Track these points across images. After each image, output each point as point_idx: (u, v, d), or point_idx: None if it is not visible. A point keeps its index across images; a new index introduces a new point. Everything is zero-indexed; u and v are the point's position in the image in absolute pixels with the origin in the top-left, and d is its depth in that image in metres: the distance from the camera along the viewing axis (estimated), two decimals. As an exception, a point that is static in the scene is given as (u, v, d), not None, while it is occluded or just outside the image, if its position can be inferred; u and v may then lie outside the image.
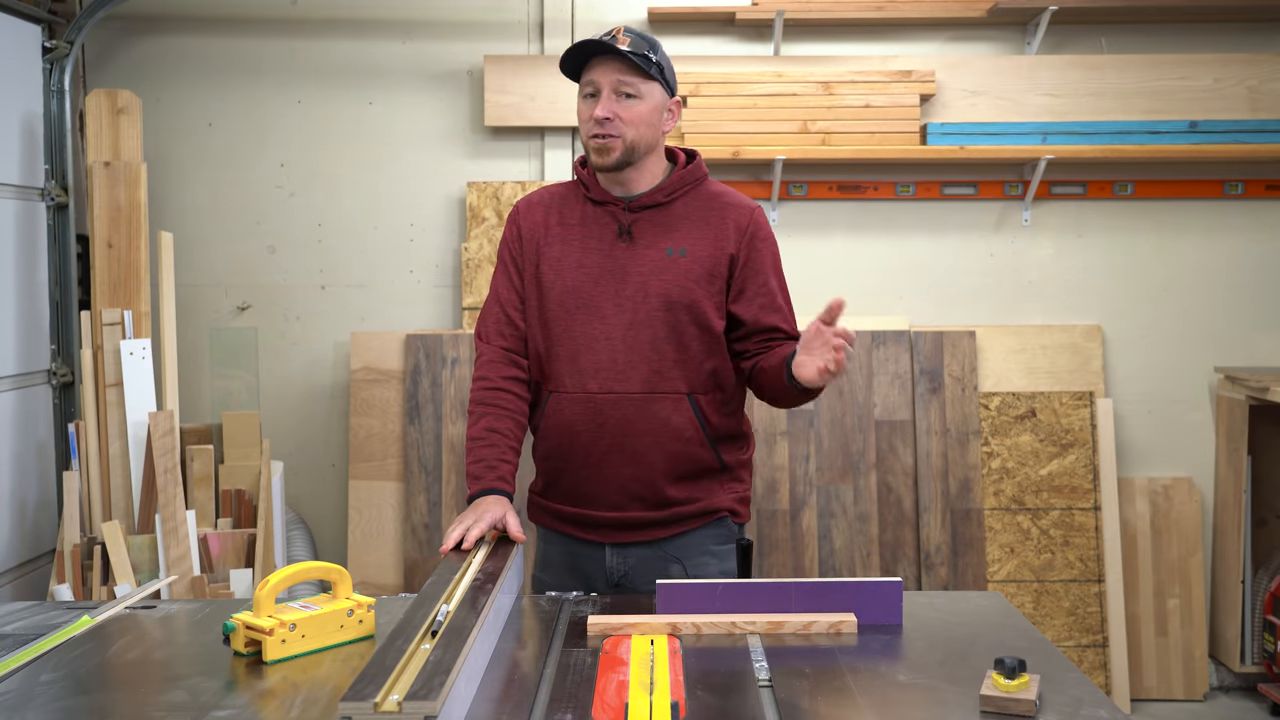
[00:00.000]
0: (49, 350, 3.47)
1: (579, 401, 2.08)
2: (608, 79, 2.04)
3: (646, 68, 2.04)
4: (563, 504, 2.16)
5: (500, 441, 2.05)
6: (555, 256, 2.12)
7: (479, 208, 3.88)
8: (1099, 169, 3.96)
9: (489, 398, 2.10)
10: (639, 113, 2.06)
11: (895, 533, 3.77)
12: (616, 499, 2.10)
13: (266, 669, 1.60)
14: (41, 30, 3.46)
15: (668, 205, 2.13)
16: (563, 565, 2.17)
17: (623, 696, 1.44)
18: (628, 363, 2.06)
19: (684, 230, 2.11)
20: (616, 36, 2.05)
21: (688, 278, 2.07)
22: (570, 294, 2.10)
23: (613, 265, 2.09)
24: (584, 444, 2.08)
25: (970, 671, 1.55)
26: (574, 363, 2.08)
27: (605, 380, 2.07)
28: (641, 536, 2.12)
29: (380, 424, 3.82)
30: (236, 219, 3.97)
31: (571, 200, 2.17)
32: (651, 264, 2.08)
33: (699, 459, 2.10)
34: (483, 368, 2.14)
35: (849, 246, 3.98)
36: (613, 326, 2.07)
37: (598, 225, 2.12)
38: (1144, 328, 4.01)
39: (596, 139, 2.06)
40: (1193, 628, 3.89)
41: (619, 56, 2.03)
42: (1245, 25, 3.98)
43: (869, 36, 3.97)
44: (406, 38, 3.95)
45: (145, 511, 3.21)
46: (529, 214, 2.19)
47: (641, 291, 2.07)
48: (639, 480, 2.08)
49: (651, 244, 2.09)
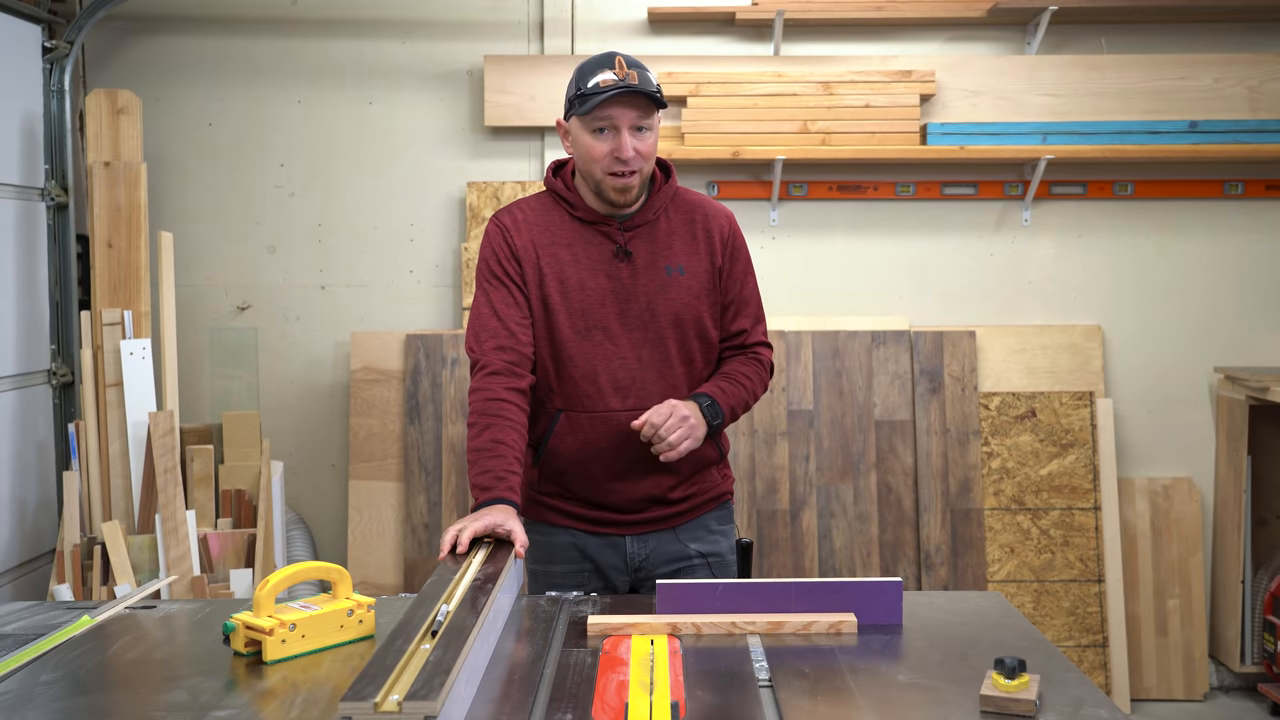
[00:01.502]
0: (49, 350, 3.47)
1: (601, 420, 2.14)
2: (626, 117, 2.06)
3: (660, 103, 2.08)
4: (578, 506, 2.22)
5: (506, 453, 2.04)
6: (557, 277, 2.14)
7: (479, 208, 3.88)
8: (1099, 169, 3.96)
9: (492, 409, 2.07)
10: (651, 144, 2.10)
11: (895, 533, 3.77)
12: (637, 504, 2.20)
13: (266, 669, 1.60)
14: (41, 30, 3.47)
15: (656, 222, 2.18)
16: (573, 555, 2.23)
17: (623, 696, 1.44)
18: (646, 380, 2.15)
19: (677, 247, 2.17)
20: (628, 74, 2.05)
21: (690, 295, 2.16)
22: (580, 316, 2.14)
23: (615, 286, 2.14)
24: (608, 460, 2.16)
25: (970, 671, 1.55)
26: (592, 383, 2.14)
27: (627, 398, 2.14)
28: (658, 527, 2.23)
29: (380, 424, 3.82)
30: (236, 219, 3.97)
31: (559, 218, 2.18)
32: (654, 284, 2.14)
33: (705, 456, 2.22)
34: (482, 379, 2.12)
35: (849, 246, 3.98)
36: (624, 346, 2.14)
37: (592, 245, 2.15)
38: (1144, 328, 4.01)
39: (617, 178, 2.08)
40: (1193, 628, 3.89)
41: (637, 95, 2.05)
42: (1245, 25, 3.98)
43: (869, 36, 3.97)
44: (406, 38, 3.96)
45: (145, 511, 3.21)
46: (519, 230, 2.17)
47: (649, 311, 2.14)
48: (660, 485, 2.19)
49: (650, 263, 2.15)
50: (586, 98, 2.05)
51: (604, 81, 2.04)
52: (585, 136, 2.09)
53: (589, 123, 2.08)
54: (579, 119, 2.09)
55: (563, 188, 2.19)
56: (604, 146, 2.07)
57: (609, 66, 2.06)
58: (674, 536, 2.24)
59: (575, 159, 2.17)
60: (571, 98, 2.10)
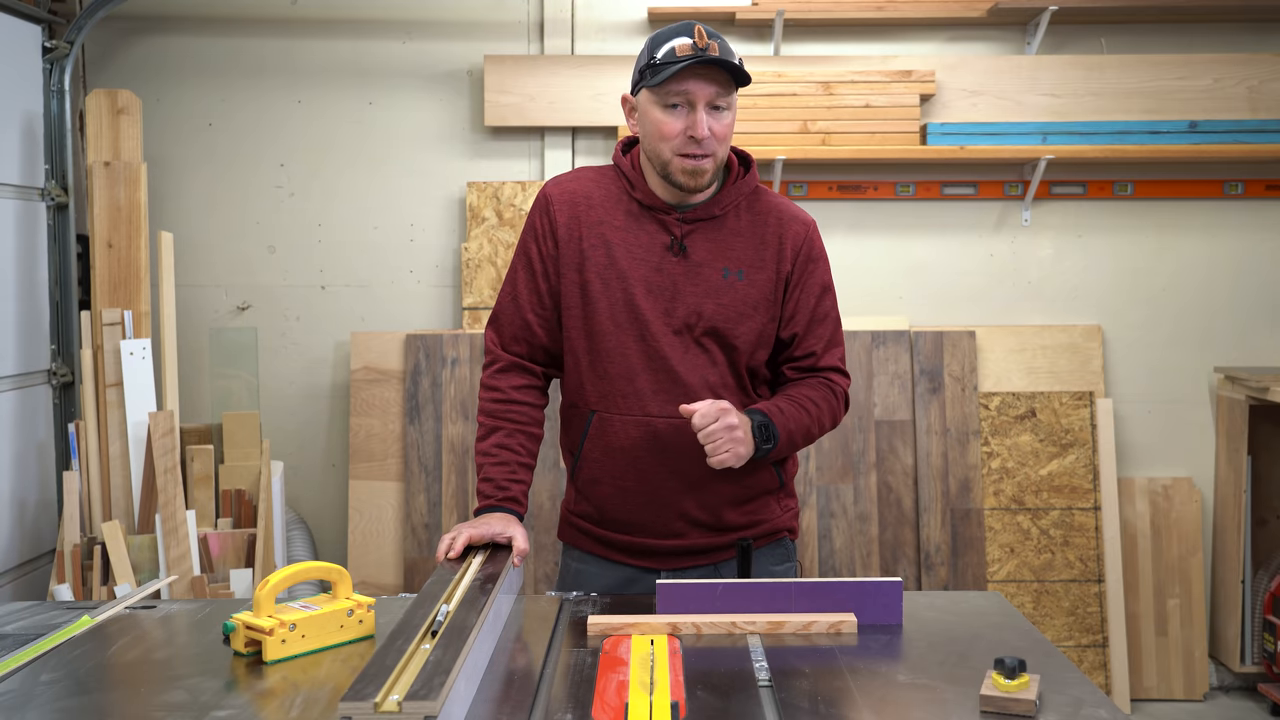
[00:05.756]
0: (49, 350, 3.47)
1: (637, 426, 1.94)
2: (704, 92, 1.83)
3: (739, 79, 1.85)
4: (615, 532, 2.02)
5: (511, 459, 1.95)
6: (601, 263, 1.94)
7: (479, 208, 3.88)
8: (1099, 169, 3.96)
9: (499, 410, 1.98)
10: (728, 125, 1.87)
11: (895, 533, 3.77)
12: (676, 526, 1.98)
13: (266, 669, 1.60)
14: (41, 30, 3.46)
15: (722, 218, 1.96)
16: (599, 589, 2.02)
17: (623, 696, 1.44)
18: (690, 384, 1.93)
19: (740, 248, 1.94)
20: (709, 44, 1.82)
21: (746, 303, 1.93)
22: (621, 308, 1.93)
23: (663, 280, 1.93)
24: (643, 471, 1.96)
25: (970, 671, 1.55)
26: (630, 383, 1.94)
27: (665, 404, 1.92)
28: (700, 561, 2.00)
29: (380, 424, 3.82)
30: (236, 219, 3.97)
31: (614, 196, 1.97)
32: (707, 285, 1.93)
33: (760, 481, 2.00)
34: (492, 377, 2.01)
35: (849, 246, 3.98)
36: (666, 346, 1.92)
37: (645, 233, 1.94)
38: (1144, 328, 4.01)
39: (690, 159, 1.86)
40: (1193, 628, 3.89)
41: (717, 67, 1.82)
42: (1245, 25, 3.98)
43: (869, 36, 3.97)
44: (406, 38, 3.95)
45: (145, 511, 3.21)
46: (564, 206, 1.97)
47: (695, 314, 1.92)
48: (702, 507, 1.96)
49: (706, 262, 1.93)
50: (659, 69, 1.82)
51: (681, 49, 1.81)
52: (655, 111, 1.86)
53: (661, 96, 1.85)
54: (649, 92, 1.86)
55: (627, 165, 1.98)
56: (677, 124, 1.84)
57: (687, 34, 1.83)
58: (715, 574, 1.99)
59: (641, 138, 1.94)
60: (642, 68, 1.87)
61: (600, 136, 3.96)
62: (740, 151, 2.03)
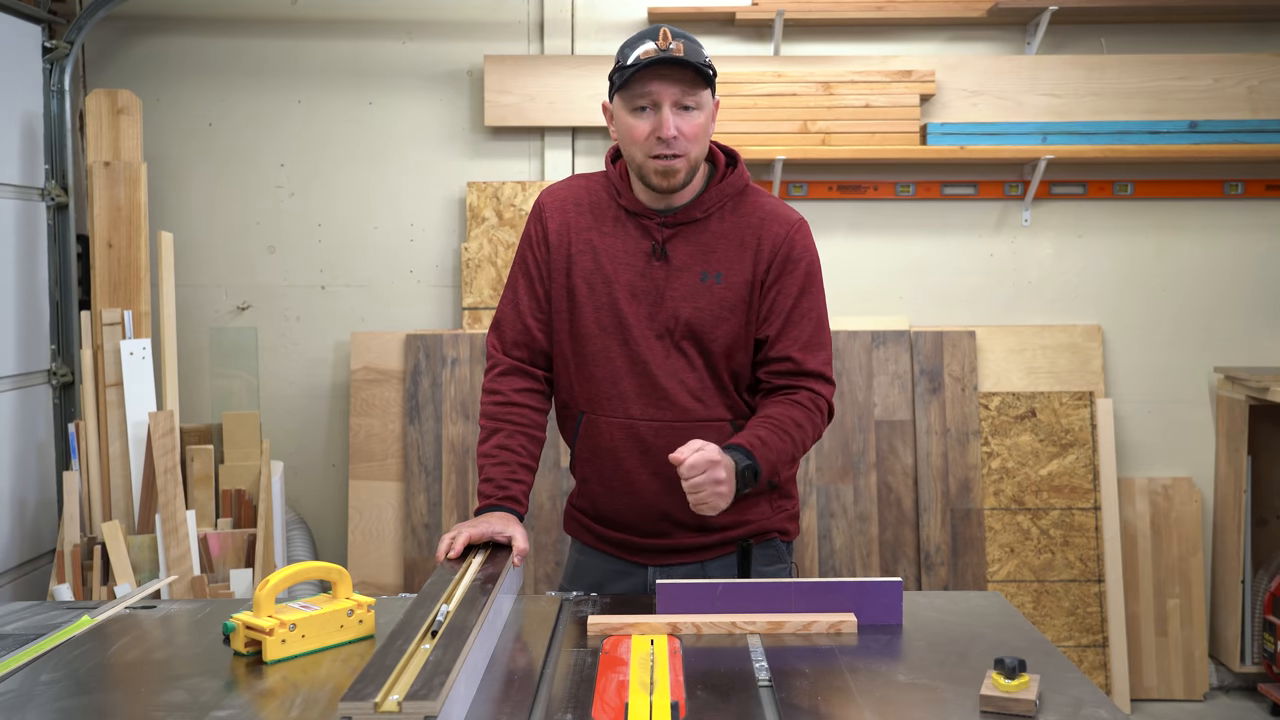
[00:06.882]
0: (49, 350, 3.47)
1: (619, 427, 1.98)
2: (669, 93, 1.85)
3: (707, 77, 1.87)
4: (607, 528, 2.06)
5: (511, 459, 1.96)
6: (588, 268, 1.98)
7: (479, 208, 3.88)
8: (1099, 169, 3.96)
9: (500, 413, 2.00)
10: (699, 125, 1.88)
11: (895, 533, 3.77)
12: (661, 526, 2.01)
13: (266, 669, 1.60)
14: (41, 30, 3.46)
15: (705, 220, 1.96)
16: (600, 582, 2.07)
17: (623, 696, 1.44)
18: (668, 388, 1.95)
19: (721, 251, 1.95)
20: (671, 45, 1.84)
21: (723, 306, 1.94)
22: (606, 312, 1.96)
23: (647, 285, 1.95)
24: (626, 471, 1.99)
25: (970, 671, 1.55)
26: (614, 385, 1.97)
27: (647, 406, 1.96)
28: (686, 559, 2.03)
29: (380, 424, 3.82)
30: (236, 219, 3.97)
31: (603, 203, 2.01)
32: (685, 289, 1.94)
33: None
34: (493, 380, 2.04)
35: (849, 246, 3.98)
36: (646, 351, 1.95)
37: (630, 238, 1.97)
38: (1144, 328, 4.01)
39: (660, 160, 1.87)
40: (1193, 628, 3.89)
41: (679, 67, 1.84)
42: (1245, 25, 3.98)
43: (869, 36, 3.97)
44: (406, 38, 3.96)
45: (145, 511, 3.21)
46: (556, 213, 2.02)
47: (673, 318, 1.94)
48: (684, 508, 1.90)
49: (686, 266, 1.94)
50: (625, 71, 1.85)
51: (645, 53, 1.84)
52: (625, 115, 1.89)
53: (629, 100, 1.88)
54: (619, 96, 1.89)
55: (615, 173, 2.01)
56: (644, 126, 1.87)
57: (653, 38, 1.85)
58: (702, 571, 2.01)
59: (619, 144, 1.96)
60: (611, 73, 1.91)
61: (600, 137, 3.96)
62: (728, 149, 2.03)
